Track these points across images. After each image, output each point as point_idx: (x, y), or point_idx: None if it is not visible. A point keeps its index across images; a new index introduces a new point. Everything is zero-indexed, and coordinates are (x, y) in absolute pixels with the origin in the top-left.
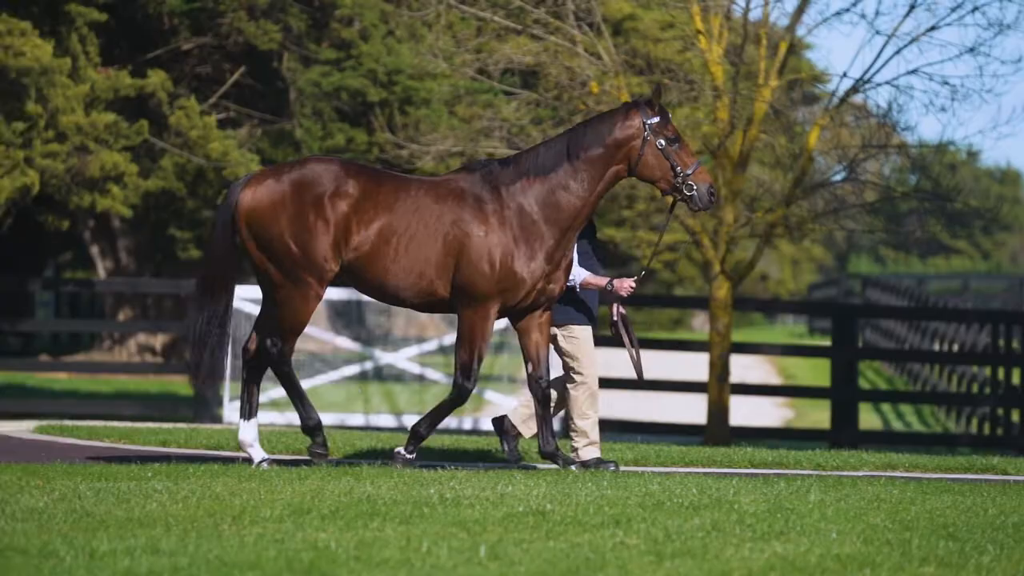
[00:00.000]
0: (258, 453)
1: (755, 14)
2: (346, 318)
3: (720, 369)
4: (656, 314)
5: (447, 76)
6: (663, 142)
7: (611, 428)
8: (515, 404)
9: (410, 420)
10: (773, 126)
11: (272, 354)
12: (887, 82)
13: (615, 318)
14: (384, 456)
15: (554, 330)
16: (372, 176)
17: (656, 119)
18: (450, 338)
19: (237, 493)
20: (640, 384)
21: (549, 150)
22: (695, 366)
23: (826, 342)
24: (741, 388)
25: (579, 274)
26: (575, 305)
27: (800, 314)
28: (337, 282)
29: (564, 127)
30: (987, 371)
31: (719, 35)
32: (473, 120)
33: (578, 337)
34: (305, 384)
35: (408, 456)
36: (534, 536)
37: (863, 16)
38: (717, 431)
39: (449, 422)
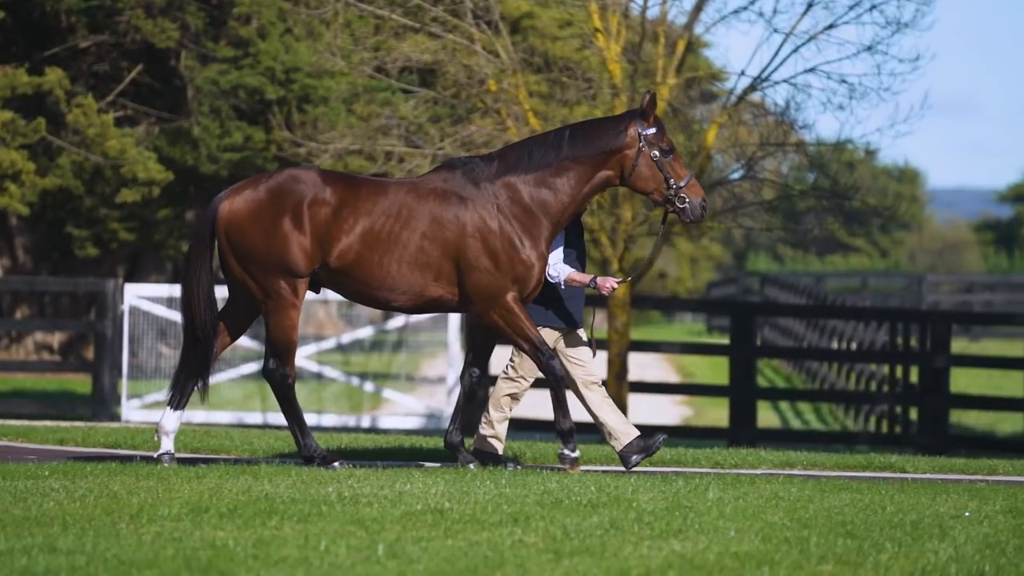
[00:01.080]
0: (167, 444)
1: (653, 12)
2: None
3: (618, 367)
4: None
5: (345, 74)
6: (657, 153)
7: (510, 426)
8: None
9: (309, 418)
10: (671, 124)
11: (275, 378)
12: (785, 80)
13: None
14: (285, 456)
15: (549, 334)
16: (350, 183)
17: (652, 130)
18: (348, 336)
19: (135, 492)
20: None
21: (539, 146)
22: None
23: (724, 340)
24: (639, 386)
25: (563, 271)
26: (566, 307)
27: (698, 312)
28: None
29: (462, 125)
30: (885, 369)
31: (617, 33)
32: (371, 118)
33: (579, 338)
34: None
35: (573, 455)
36: (432, 534)
37: (761, 14)
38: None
39: (347, 420)
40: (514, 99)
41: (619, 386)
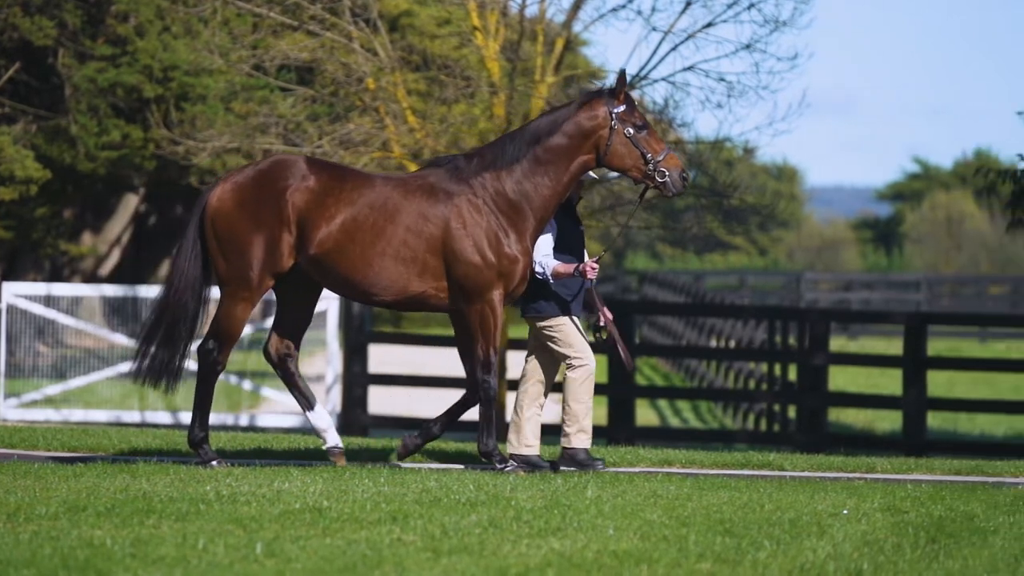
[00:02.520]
0: (333, 437)
1: (532, 10)
2: (122, 315)
3: (498, 365)
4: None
5: (223, 72)
6: (631, 130)
7: (390, 424)
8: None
9: (186, 417)
10: None
11: (206, 360)
12: (664, 78)
13: (602, 323)
14: (161, 454)
15: (540, 324)
16: (336, 172)
17: (622, 107)
18: None
19: (11, 491)
20: (630, 373)
21: (514, 142)
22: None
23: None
24: (517, 384)
25: (548, 265)
26: (552, 298)
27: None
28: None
29: (340, 123)
30: (764, 367)
31: (496, 31)
32: (249, 116)
33: (564, 325)
34: (81, 381)
35: (504, 466)
36: (311, 533)
37: (639, 12)
38: (495, 425)
39: (225, 419)
40: (392, 97)
41: (498, 384)
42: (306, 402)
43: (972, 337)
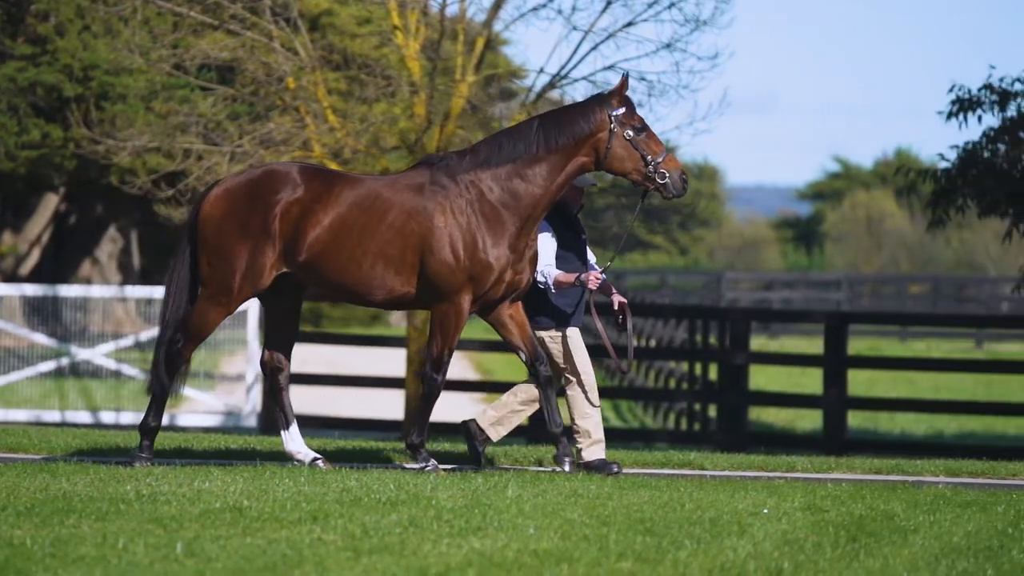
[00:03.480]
0: (308, 455)
1: (452, 9)
2: (42, 314)
3: (418, 365)
4: (353, 309)
5: (144, 71)
6: (631, 132)
7: (309, 424)
8: (487, 407)
9: (107, 416)
10: (470, 121)
11: (171, 352)
12: (584, 78)
13: (616, 307)
14: (83, 454)
15: (540, 334)
16: (326, 179)
17: (621, 110)
18: (147, 334)
19: None
20: (628, 367)
21: (510, 140)
22: (393, 362)
23: None
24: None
25: (550, 274)
26: (551, 310)
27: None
28: (281, 287)
29: (261, 123)
30: (684, 366)
31: (416, 31)
32: (170, 115)
33: (562, 338)
34: (0, 380)
35: (425, 465)
36: (231, 532)
37: (560, 12)
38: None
39: (136, 418)
40: (313, 96)
41: (418, 384)
42: (285, 420)
43: (892, 336)
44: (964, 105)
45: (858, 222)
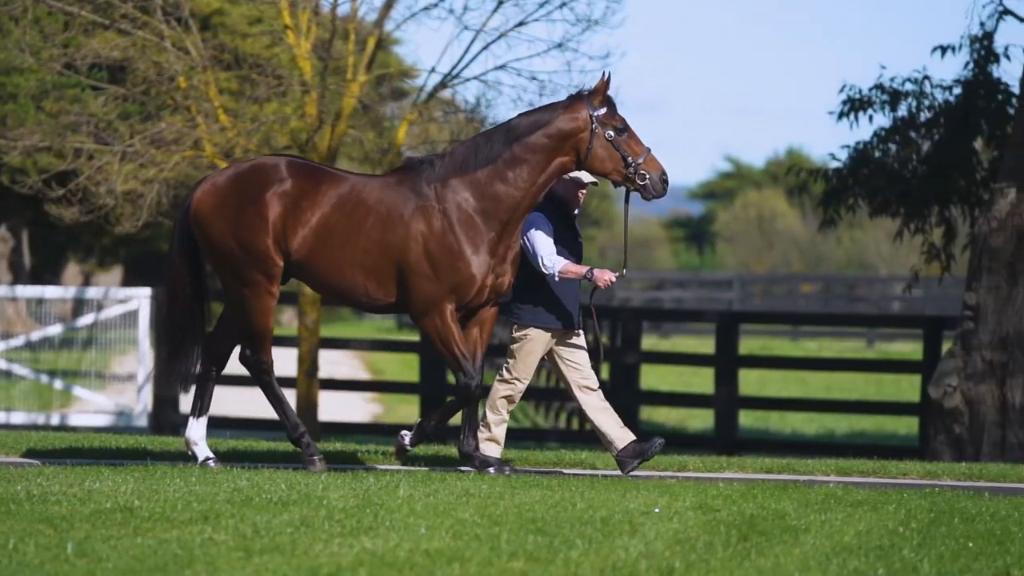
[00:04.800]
0: (203, 451)
1: (344, 9)
2: None
3: (309, 364)
4: None
5: (34, 71)
6: (612, 133)
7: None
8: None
9: (15, 418)
10: (362, 121)
11: (251, 365)
12: (476, 77)
13: (590, 307)
14: None
15: (514, 327)
16: (312, 174)
17: (603, 110)
18: (38, 334)
19: None
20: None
21: (488, 141)
22: (284, 361)
23: (415, 337)
24: (330, 383)
25: (556, 262)
26: (531, 307)
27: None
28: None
29: (152, 122)
30: None
31: (307, 30)
32: (61, 115)
33: (528, 341)
34: None
35: (407, 445)
36: (122, 532)
37: (451, 11)
38: (309, 426)
39: (36, 418)
40: (204, 96)
41: (309, 383)
42: (200, 409)
43: (784, 336)
44: (855, 105)
45: (750, 222)
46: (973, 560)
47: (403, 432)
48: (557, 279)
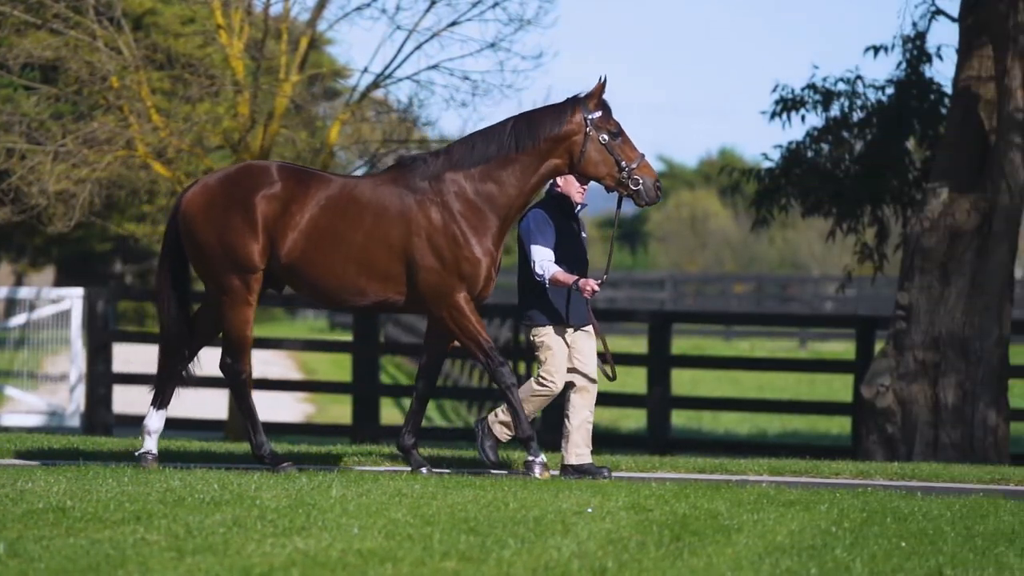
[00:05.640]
0: (150, 444)
1: (276, 9)
2: None
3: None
4: None
5: None
6: (606, 136)
7: (134, 423)
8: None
9: None
10: (294, 121)
11: (228, 372)
12: (408, 77)
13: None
14: None
15: (530, 332)
16: (302, 178)
17: (598, 114)
18: None
19: None
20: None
21: (483, 140)
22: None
23: (347, 337)
24: (262, 383)
25: (549, 269)
26: (543, 307)
27: (321, 309)
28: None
29: (85, 122)
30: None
31: (240, 30)
32: None
33: (548, 337)
34: None
35: (539, 459)
36: (54, 533)
37: (384, 11)
38: (239, 426)
39: None
40: (136, 95)
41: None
42: (163, 400)
43: (716, 335)
44: (788, 105)
45: (682, 221)
46: (905, 559)
47: (528, 459)
48: (548, 286)
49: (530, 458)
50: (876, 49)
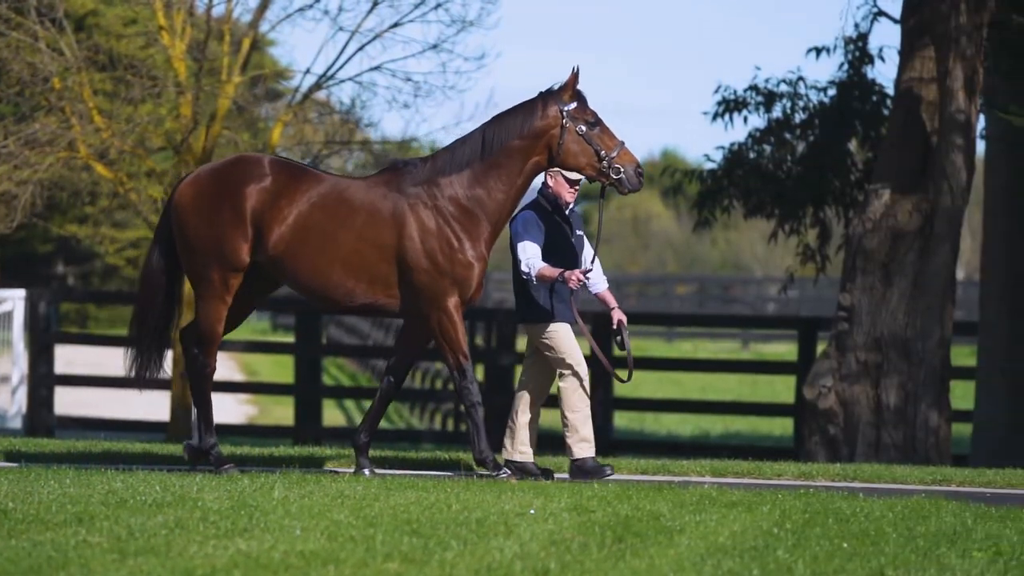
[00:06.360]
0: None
1: (218, 10)
2: None
3: (183, 365)
4: (120, 311)
5: None
6: (583, 127)
7: (76, 425)
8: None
9: None
10: (236, 122)
11: (193, 362)
12: (351, 78)
13: (614, 324)
14: None
15: (533, 330)
16: (293, 172)
17: (573, 104)
18: None
19: None
20: (626, 383)
21: (465, 146)
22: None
23: (290, 338)
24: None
25: (534, 266)
26: (545, 303)
27: (263, 310)
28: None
29: (26, 123)
30: None
31: (182, 31)
32: None
33: (556, 331)
34: None
35: (501, 474)
36: None
37: (327, 12)
38: (181, 428)
39: None
40: (78, 97)
41: (184, 384)
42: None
43: (659, 337)
44: (730, 106)
45: (624, 222)
46: (847, 560)
47: (493, 474)
48: (535, 283)
49: (493, 475)
50: (818, 50)
